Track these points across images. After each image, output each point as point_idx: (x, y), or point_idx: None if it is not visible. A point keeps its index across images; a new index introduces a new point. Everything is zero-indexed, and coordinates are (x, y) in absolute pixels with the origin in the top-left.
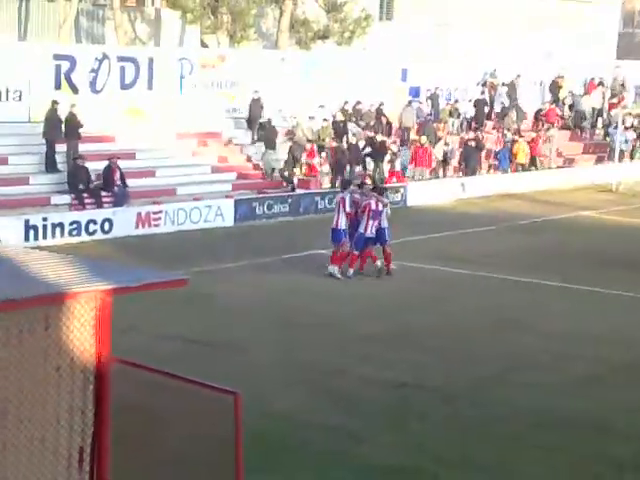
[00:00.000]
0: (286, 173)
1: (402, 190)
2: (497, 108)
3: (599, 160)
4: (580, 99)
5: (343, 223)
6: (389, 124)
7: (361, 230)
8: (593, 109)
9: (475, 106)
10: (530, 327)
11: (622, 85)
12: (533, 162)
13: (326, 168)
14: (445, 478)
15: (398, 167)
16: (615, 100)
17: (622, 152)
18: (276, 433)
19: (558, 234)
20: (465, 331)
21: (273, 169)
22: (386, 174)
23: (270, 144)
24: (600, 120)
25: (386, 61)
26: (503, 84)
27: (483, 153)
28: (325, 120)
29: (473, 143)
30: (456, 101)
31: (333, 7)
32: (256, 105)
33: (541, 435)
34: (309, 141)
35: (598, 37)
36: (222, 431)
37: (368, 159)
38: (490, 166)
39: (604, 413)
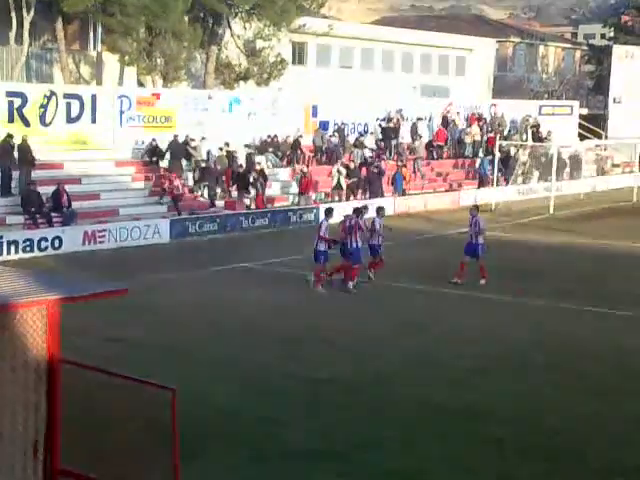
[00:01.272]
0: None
1: (315, 211)
2: (397, 140)
3: (481, 184)
4: (463, 132)
5: (359, 242)
6: (303, 154)
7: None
8: (474, 141)
9: (382, 134)
10: (428, 329)
11: (499, 120)
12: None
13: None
14: (356, 459)
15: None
16: (492, 134)
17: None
18: (211, 423)
19: (448, 248)
20: (373, 332)
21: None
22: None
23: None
24: (480, 150)
25: (298, 99)
26: (405, 119)
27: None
28: (220, 149)
29: (376, 170)
30: (360, 134)
31: (252, 52)
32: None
33: (437, 421)
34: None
35: (477, 79)
36: (162, 422)
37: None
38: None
39: (488, 401)
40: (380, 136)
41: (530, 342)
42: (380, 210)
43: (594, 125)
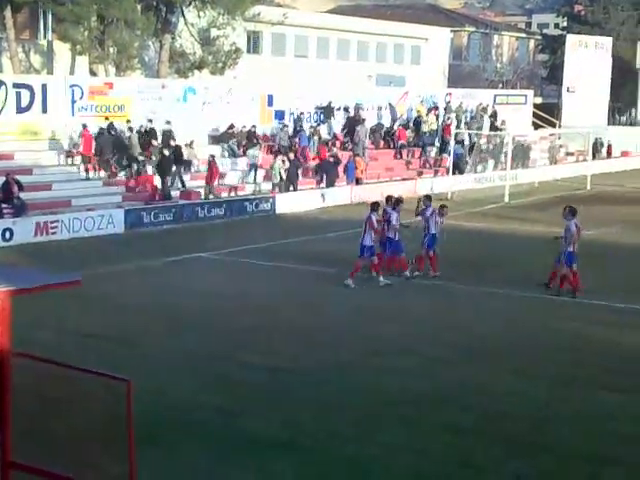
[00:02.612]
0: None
1: (271, 200)
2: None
3: (436, 173)
4: (420, 122)
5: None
6: (260, 143)
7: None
8: (430, 130)
9: (347, 123)
10: (388, 317)
11: (455, 109)
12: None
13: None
14: (316, 449)
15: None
16: (449, 122)
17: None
18: (169, 414)
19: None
20: (330, 321)
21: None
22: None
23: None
24: (437, 139)
25: (254, 88)
26: (359, 109)
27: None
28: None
29: (332, 159)
30: (318, 124)
31: (207, 41)
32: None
33: (397, 410)
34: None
35: (433, 68)
36: (119, 415)
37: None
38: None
39: (450, 389)
40: (348, 122)
41: (491, 330)
42: (443, 208)
43: (548, 114)
